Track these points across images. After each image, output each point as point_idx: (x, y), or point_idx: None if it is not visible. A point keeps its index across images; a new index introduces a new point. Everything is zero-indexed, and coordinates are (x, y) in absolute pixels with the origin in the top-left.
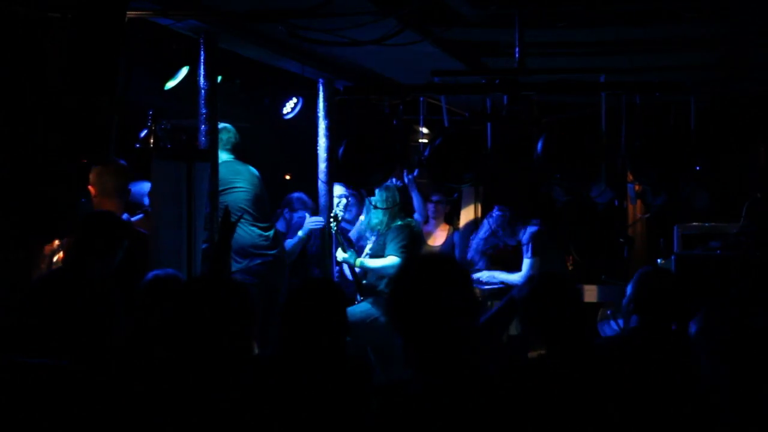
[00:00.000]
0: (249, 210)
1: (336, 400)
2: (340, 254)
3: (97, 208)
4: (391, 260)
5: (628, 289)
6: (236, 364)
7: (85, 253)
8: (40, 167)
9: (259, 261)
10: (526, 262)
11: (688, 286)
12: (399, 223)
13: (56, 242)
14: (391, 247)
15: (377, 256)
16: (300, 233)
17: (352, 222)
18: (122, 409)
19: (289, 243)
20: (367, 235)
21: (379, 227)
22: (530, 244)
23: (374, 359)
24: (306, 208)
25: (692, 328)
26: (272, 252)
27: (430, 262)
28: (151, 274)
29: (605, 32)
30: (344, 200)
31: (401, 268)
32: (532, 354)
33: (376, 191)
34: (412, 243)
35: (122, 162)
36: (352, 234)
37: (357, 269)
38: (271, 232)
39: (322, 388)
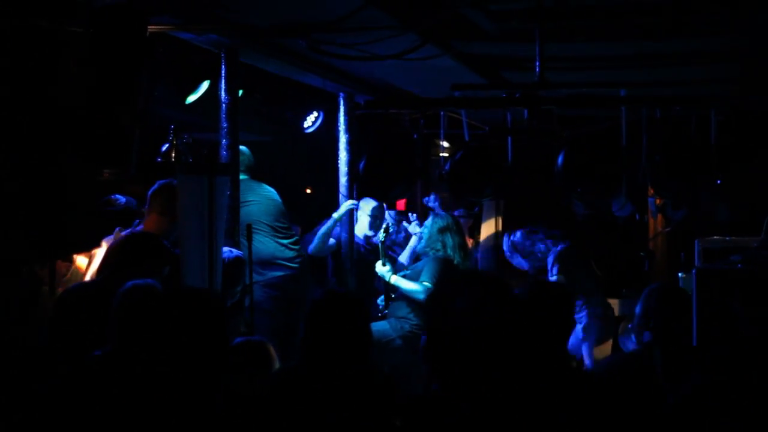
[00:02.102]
0: (264, 221)
1: (359, 412)
2: (379, 267)
3: (145, 227)
4: (422, 286)
5: (637, 308)
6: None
7: (124, 273)
8: (60, 182)
9: (279, 273)
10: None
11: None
12: (440, 254)
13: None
14: (425, 274)
15: (412, 279)
16: (335, 215)
17: (402, 245)
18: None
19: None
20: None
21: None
22: (557, 264)
23: None
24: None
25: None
26: (293, 264)
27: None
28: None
29: (625, 46)
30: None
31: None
32: None
33: (431, 220)
34: (446, 275)
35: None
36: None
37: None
38: (290, 241)
39: (345, 400)
